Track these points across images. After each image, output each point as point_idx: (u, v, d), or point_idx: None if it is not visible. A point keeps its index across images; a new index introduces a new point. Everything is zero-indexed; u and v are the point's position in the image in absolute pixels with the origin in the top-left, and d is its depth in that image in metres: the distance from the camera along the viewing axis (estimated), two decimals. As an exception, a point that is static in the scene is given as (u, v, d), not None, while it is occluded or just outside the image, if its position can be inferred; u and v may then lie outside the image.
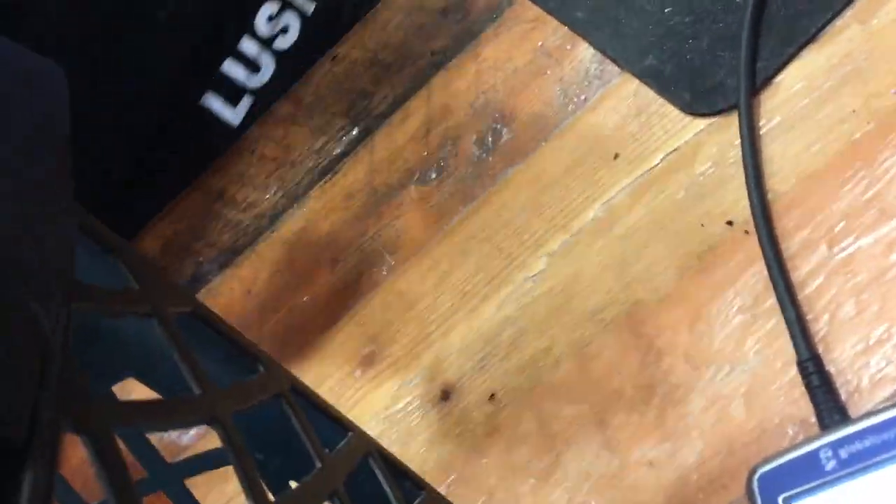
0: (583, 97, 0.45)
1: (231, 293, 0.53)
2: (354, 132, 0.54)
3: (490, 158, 0.47)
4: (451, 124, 0.49)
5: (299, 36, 0.62)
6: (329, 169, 0.53)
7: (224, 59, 0.61)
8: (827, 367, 0.33)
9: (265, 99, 0.59)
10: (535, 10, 0.49)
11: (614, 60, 0.45)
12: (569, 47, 0.47)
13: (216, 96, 0.61)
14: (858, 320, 0.33)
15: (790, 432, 0.33)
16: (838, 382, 0.33)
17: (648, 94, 0.43)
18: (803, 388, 0.33)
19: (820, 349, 0.33)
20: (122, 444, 0.24)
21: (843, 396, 0.32)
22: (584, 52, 0.46)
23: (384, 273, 0.47)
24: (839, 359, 0.33)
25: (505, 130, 0.47)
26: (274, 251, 0.53)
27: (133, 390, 0.30)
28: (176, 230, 0.58)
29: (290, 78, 0.59)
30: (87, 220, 0.23)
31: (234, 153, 0.58)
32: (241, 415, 0.26)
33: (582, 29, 0.47)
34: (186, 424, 0.23)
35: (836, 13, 0.40)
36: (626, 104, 0.44)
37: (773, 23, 0.41)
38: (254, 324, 0.50)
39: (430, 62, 0.53)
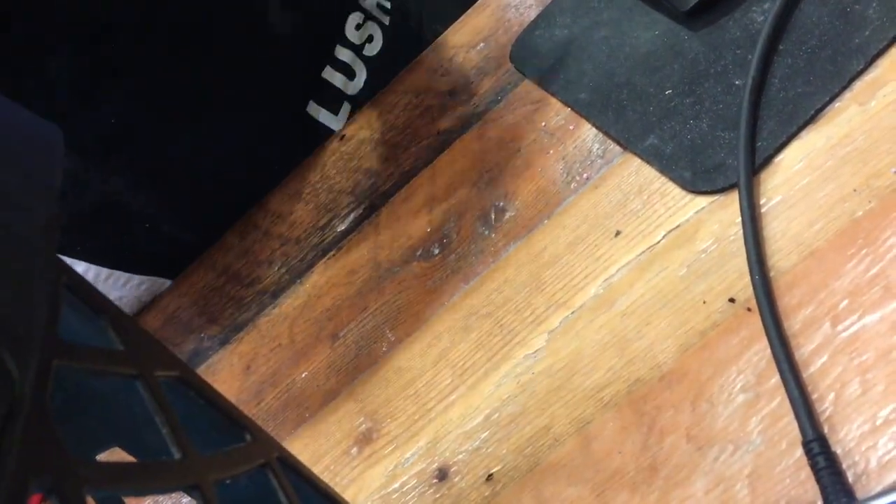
0: (585, 176, 0.45)
1: (231, 368, 0.52)
2: (360, 210, 0.54)
3: (492, 235, 0.47)
4: (454, 202, 0.50)
5: (383, 44, 0.65)
6: (333, 245, 0.54)
7: (324, 66, 0.63)
8: (833, 448, 0.32)
9: (361, 104, 0.62)
10: (539, 92, 0.50)
11: (616, 140, 0.45)
12: (572, 127, 0.48)
13: (319, 105, 0.63)
14: (864, 400, 0.32)
15: (797, 516, 0.32)
16: (845, 464, 0.32)
17: (650, 173, 0.43)
18: (809, 470, 0.32)
19: (825, 429, 0.32)
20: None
21: (851, 478, 0.31)
22: (587, 132, 0.47)
23: (384, 349, 0.47)
24: (845, 439, 0.32)
25: (508, 208, 0.47)
26: (275, 327, 0.52)
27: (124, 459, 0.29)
28: (179, 305, 0.58)
29: (381, 83, 0.62)
30: (74, 279, 0.23)
31: (240, 229, 0.59)
32: (224, 484, 0.25)
33: (585, 110, 0.48)
34: (165, 490, 0.22)
35: (835, 95, 0.40)
36: (628, 182, 0.44)
37: (773, 104, 0.41)
38: (251, 399, 0.50)
39: (435, 141, 0.53)
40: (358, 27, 0.64)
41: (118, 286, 0.61)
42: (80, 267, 0.58)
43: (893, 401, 0.32)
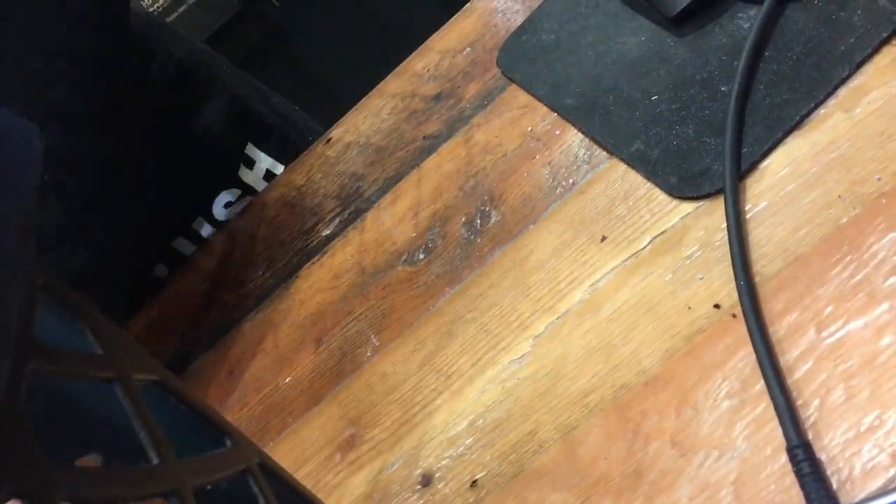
0: (571, 181, 0.45)
1: (214, 373, 0.52)
2: (345, 214, 0.54)
3: (478, 240, 0.47)
4: (440, 206, 0.50)
5: None
6: (318, 250, 0.53)
7: (177, 237, 0.62)
8: (818, 455, 0.32)
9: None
10: (526, 97, 0.50)
11: (602, 146, 0.45)
12: (558, 132, 0.48)
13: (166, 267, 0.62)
14: (849, 406, 0.32)
15: (781, 523, 0.32)
16: (829, 470, 0.31)
17: (636, 179, 0.43)
18: (794, 476, 0.32)
19: (810, 435, 0.32)
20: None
21: (835, 485, 0.31)
22: (573, 138, 0.47)
23: (368, 354, 0.46)
24: (830, 446, 0.32)
25: (493, 213, 0.47)
26: (259, 331, 0.52)
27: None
28: (162, 309, 0.58)
29: None
30: (52, 280, 0.22)
31: (225, 233, 0.58)
32: (204, 490, 0.25)
33: (571, 115, 0.48)
34: (142, 496, 0.22)
35: (820, 102, 0.40)
36: (613, 188, 0.44)
37: (758, 110, 0.41)
38: (234, 405, 0.49)
39: (421, 146, 0.53)
40: (228, 205, 0.62)
41: None
42: None
43: (878, 407, 0.32)
